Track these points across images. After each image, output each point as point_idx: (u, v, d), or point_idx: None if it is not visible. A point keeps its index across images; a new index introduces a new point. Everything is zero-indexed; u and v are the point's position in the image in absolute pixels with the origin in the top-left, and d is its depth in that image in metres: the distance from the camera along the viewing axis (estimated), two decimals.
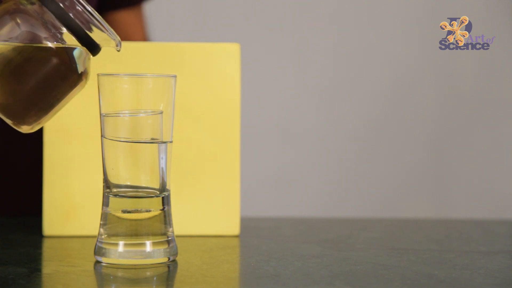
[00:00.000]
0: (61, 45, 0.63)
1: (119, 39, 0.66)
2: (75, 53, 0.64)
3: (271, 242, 0.80)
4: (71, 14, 0.63)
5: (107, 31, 0.65)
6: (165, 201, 0.70)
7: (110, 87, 0.68)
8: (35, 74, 0.63)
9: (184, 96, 0.81)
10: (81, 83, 0.65)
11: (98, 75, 0.69)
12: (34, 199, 0.95)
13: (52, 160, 0.81)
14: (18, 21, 0.63)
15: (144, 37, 1.14)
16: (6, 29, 0.62)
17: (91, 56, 0.65)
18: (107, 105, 0.69)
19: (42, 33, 0.63)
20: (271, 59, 1.92)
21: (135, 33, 1.12)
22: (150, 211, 0.69)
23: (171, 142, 0.70)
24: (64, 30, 0.63)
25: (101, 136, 0.69)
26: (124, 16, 1.11)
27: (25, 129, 0.65)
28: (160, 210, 0.69)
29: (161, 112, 0.69)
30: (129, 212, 0.68)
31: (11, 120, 0.64)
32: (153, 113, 0.68)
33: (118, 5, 1.11)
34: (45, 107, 0.64)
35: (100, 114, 0.69)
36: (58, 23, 0.63)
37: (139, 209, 0.68)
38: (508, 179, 1.97)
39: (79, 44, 0.64)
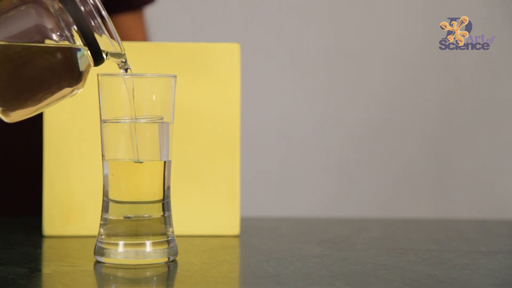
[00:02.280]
0: (67, 45, 0.63)
1: (125, 54, 0.66)
2: (79, 53, 0.64)
3: (271, 242, 0.80)
4: (86, 19, 0.63)
5: (119, 45, 0.65)
6: (165, 207, 0.70)
7: (110, 87, 0.68)
8: (36, 65, 0.63)
9: (184, 96, 0.81)
10: (79, 84, 0.65)
11: (98, 75, 0.69)
12: (34, 199, 0.96)
13: (52, 160, 0.81)
14: (32, 12, 0.62)
15: (144, 41, 1.14)
16: (18, 18, 0.62)
17: (92, 65, 0.65)
18: (107, 105, 0.69)
19: (52, 29, 0.62)
20: (271, 59, 1.92)
21: (135, 36, 1.12)
22: (151, 217, 0.69)
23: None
24: (75, 29, 0.63)
25: (102, 154, 0.69)
26: (125, 19, 1.11)
27: (13, 117, 0.64)
28: (161, 215, 0.69)
29: (162, 118, 0.69)
30: (130, 218, 0.68)
31: (2, 106, 0.63)
32: (152, 119, 0.68)
33: (119, 9, 1.11)
34: (39, 99, 0.64)
35: (100, 121, 0.69)
36: (72, 24, 0.63)
37: (140, 215, 0.68)
38: (508, 179, 1.97)
39: (85, 48, 0.64)
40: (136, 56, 0.80)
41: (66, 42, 0.63)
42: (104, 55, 0.65)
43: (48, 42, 0.63)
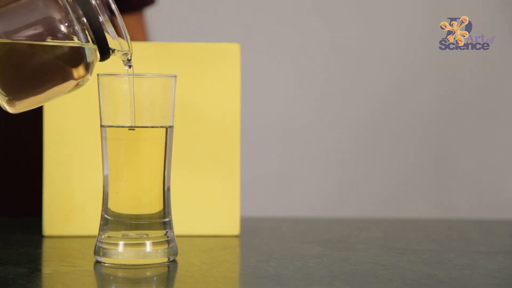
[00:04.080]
0: (74, 43, 0.63)
1: (131, 52, 0.66)
2: (87, 48, 0.64)
3: (271, 242, 0.80)
4: (96, 14, 0.63)
5: (127, 42, 0.65)
6: (168, 226, 0.70)
7: (110, 87, 0.68)
8: (45, 56, 0.63)
9: (184, 96, 0.81)
10: (86, 76, 0.65)
11: (98, 75, 0.69)
12: (34, 199, 0.95)
13: (52, 160, 0.81)
14: (40, 3, 0.62)
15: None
16: (26, 9, 0.62)
17: (98, 60, 0.66)
18: (107, 105, 0.69)
19: (60, 21, 0.62)
20: (271, 59, 1.92)
21: (135, 37, 1.12)
22: (155, 239, 0.69)
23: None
24: (85, 22, 0.63)
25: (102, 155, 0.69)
26: (126, 20, 1.11)
27: (18, 107, 0.64)
28: (164, 235, 0.69)
29: (165, 127, 0.69)
30: (129, 236, 0.68)
31: (9, 95, 0.63)
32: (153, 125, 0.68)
33: (120, 10, 1.11)
34: (46, 89, 0.64)
35: (100, 121, 0.69)
36: (81, 17, 0.63)
37: (141, 235, 0.68)
38: (508, 179, 1.97)
39: (94, 47, 0.64)
40: (136, 56, 0.80)
41: (75, 38, 0.63)
42: (110, 51, 0.65)
43: (56, 36, 0.63)
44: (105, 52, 0.64)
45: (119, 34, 0.65)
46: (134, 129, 0.68)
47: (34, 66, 0.63)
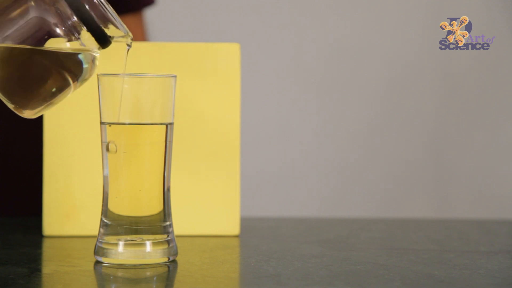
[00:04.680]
0: (74, 50, 0.63)
1: (131, 35, 0.67)
2: (85, 48, 0.64)
3: (271, 242, 0.80)
4: (86, 6, 0.63)
5: (121, 26, 0.65)
6: (168, 229, 0.69)
7: (110, 87, 0.68)
8: (41, 66, 0.63)
9: (184, 96, 0.81)
10: (86, 76, 0.65)
11: (98, 75, 0.69)
12: (34, 199, 0.95)
13: (52, 160, 0.81)
14: (32, 4, 0.62)
15: None
16: (18, 12, 0.62)
17: (98, 56, 0.66)
18: (107, 105, 0.69)
19: (56, 24, 0.62)
20: (271, 59, 1.92)
21: (135, 38, 1.12)
22: (155, 239, 0.69)
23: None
24: (75, 19, 0.63)
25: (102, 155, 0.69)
26: (125, 21, 1.11)
27: (26, 114, 0.65)
28: (164, 239, 0.69)
29: (165, 124, 0.69)
30: (130, 240, 0.68)
31: (14, 104, 0.64)
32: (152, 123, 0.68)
33: (118, 11, 1.11)
34: (48, 96, 0.64)
35: (100, 121, 0.69)
36: (71, 13, 0.63)
37: (142, 241, 0.68)
38: (508, 179, 1.97)
39: (90, 41, 0.64)
40: (136, 56, 0.80)
41: (72, 37, 0.63)
42: (110, 39, 0.65)
43: (52, 42, 0.63)
44: (104, 40, 0.64)
45: (108, 20, 0.65)
46: (133, 126, 0.68)
47: (32, 76, 0.63)
